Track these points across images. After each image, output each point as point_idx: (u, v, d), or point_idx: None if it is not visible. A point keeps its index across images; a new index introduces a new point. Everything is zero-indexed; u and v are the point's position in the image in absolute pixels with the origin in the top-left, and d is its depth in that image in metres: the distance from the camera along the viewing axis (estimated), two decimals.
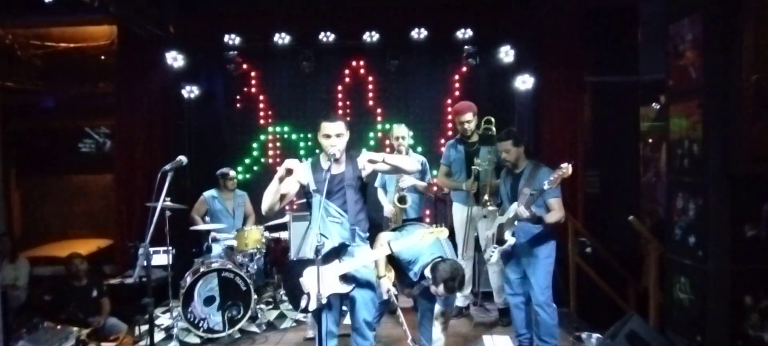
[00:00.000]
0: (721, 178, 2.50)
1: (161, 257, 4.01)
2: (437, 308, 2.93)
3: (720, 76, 2.47)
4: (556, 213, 3.05)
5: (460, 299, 4.32)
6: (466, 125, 3.86)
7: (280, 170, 2.55)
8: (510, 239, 3.10)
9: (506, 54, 5.16)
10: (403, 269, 2.99)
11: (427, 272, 2.79)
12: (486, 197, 3.65)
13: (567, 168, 2.81)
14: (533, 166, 3.15)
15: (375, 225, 3.28)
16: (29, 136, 7.55)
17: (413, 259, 2.86)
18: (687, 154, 2.67)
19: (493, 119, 3.82)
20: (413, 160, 2.85)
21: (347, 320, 3.04)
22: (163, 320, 4.31)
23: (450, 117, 5.61)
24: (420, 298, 3.08)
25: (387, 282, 3.04)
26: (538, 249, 3.15)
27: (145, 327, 3.79)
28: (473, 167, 3.79)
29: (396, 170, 2.82)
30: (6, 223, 6.44)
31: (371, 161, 2.64)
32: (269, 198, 2.61)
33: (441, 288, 2.71)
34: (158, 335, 3.96)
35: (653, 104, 7.14)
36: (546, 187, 2.87)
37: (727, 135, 2.47)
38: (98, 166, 7.48)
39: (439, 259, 2.77)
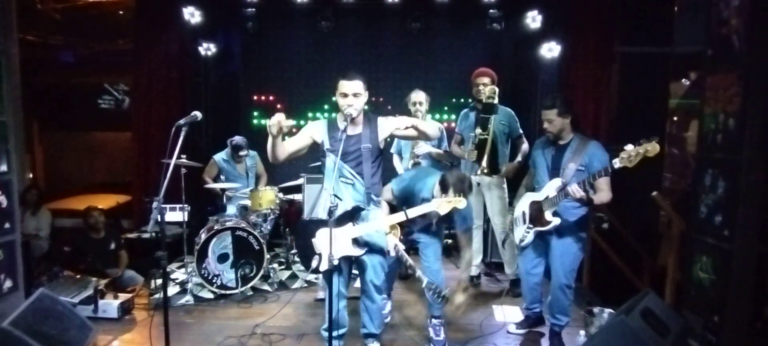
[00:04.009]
0: (757, 155, 2.37)
1: (176, 214, 4.05)
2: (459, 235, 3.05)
3: (766, 46, 2.30)
4: (605, 194, 2.80)
5: (471, 269, 4.31)
6: (480, 87, 3.79)
7: (271, 128, 2.41)
8: (554, 220, 2.86)
9: (533, 20, 4.96)
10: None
11: (436, 191, 2.75)
12: (483, 165, 3.61)
13: (653, 146, 2.43)
14: (581, 140, 2.87)
15: None
16: (50, 91, 7.64)
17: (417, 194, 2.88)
18: (721, 129, 2.53)
19: (497, 89, 3.67)
20: (435, 127, 2.75)
21: (358, 284, 3.04)
22: (178, 275, 4.40)
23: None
24: (421, 234, 3.09)
25: (393, 239, 3.01)
26: (572, 231, 2.92)
27: (160, 281, 3.87)
28: (470, 135, 3.74)
29: (420, 137, 2.74)
30: (31, 176, 6.59)
31: (398, 129, 2.62)
32: (270, 153, 2.59)
33: (451, 193, 2.65)
34: (173, 289, 4.06)
35: (683, 80, 6.82)
36: (618, 165, 2.53)
37: None
38: (117, 124, 7.57)
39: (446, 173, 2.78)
